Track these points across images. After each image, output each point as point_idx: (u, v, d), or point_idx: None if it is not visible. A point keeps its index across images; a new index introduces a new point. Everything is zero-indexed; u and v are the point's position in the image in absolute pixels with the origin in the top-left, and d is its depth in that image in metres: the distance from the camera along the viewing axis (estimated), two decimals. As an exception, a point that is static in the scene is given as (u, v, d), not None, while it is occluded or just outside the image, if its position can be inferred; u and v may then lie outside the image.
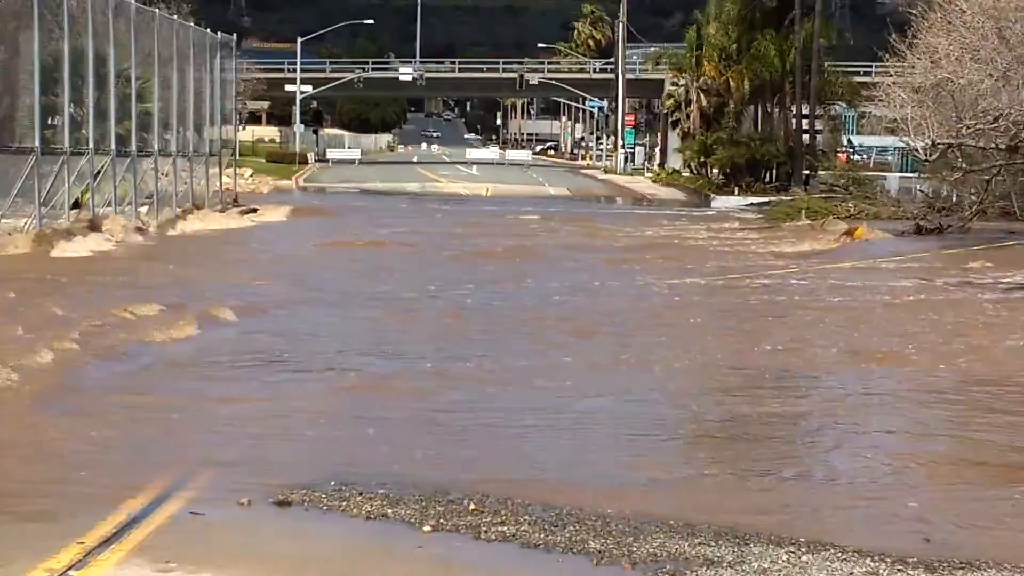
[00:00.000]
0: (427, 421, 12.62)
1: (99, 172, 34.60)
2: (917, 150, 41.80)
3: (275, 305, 21.13)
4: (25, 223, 29.78)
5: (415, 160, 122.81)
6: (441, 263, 29.72)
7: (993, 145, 38.39)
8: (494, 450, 11.52)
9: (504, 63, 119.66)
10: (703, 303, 22.91)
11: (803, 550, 8.43)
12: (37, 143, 30.04)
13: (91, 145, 33.55)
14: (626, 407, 13.65)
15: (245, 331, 18.30)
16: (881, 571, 8.03)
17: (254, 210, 46.18)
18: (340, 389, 14.24)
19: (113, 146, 35.39)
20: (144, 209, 37.60)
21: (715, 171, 73.06)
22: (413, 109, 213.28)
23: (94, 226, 32.16)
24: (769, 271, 28.51)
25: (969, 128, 37.68)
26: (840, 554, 8.37)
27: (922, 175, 48.52)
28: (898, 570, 8.07)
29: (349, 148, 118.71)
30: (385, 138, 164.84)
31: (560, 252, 33.46)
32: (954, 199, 43.81)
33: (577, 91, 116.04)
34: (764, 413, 13.43)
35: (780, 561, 8.19)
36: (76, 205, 33.19)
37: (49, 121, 31.96)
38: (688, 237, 39.93)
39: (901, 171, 67.11)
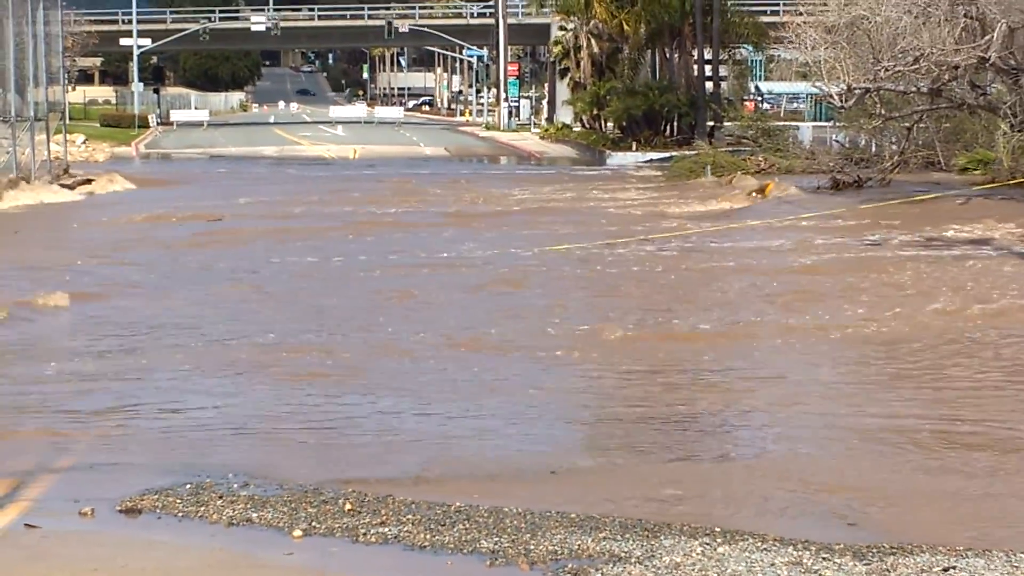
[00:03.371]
0: (290, 411, 12.55)
1: (-94, 142, 33.75)
2: (831, 96, 42.17)
3: (109, 289, 20.85)
4: None
5: (272, 120, 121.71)
6: (292, 237, 29.49)
7: (914, 89, 38.94)
8: (370, 442, 11.46)
9: (370, 9, 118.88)
10: (598, 273, 22.99)
11: (719, 541, 8.50)
12: None
13: None
14: (520, 392, 13.65)
15: (73, 318, 18.06)
16: (805, 560, 8.12)
17: (88, 181, 45.47)
18: (186, 379, 14.09)
19: (-78, 112, 34.54)
20: (-40, 183, 36.80)
21: (610, 125, 73.27)
22: (268, 63, 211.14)
23: (-98, 204, 31.39)
24: (670, 234, 28.69)
25: (888, 71, 38.13)
26: (760, 544, 8.45)
27: (837, 124, 49.05)
28: (823, 558, 8.17)
29: (196, 109, 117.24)
30: (237, 96, 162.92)
31: (433, 219, 33.36)
32: (873, 149, 44.33)
33: (453, 39, 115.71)
34: (672, 396, 13.54)
35: (694, 554, 8.24)
36: None
37: None
38: (580, 198, 40.01)
39: (814, 120, 67.86)
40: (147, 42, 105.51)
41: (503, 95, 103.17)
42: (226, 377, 14.23)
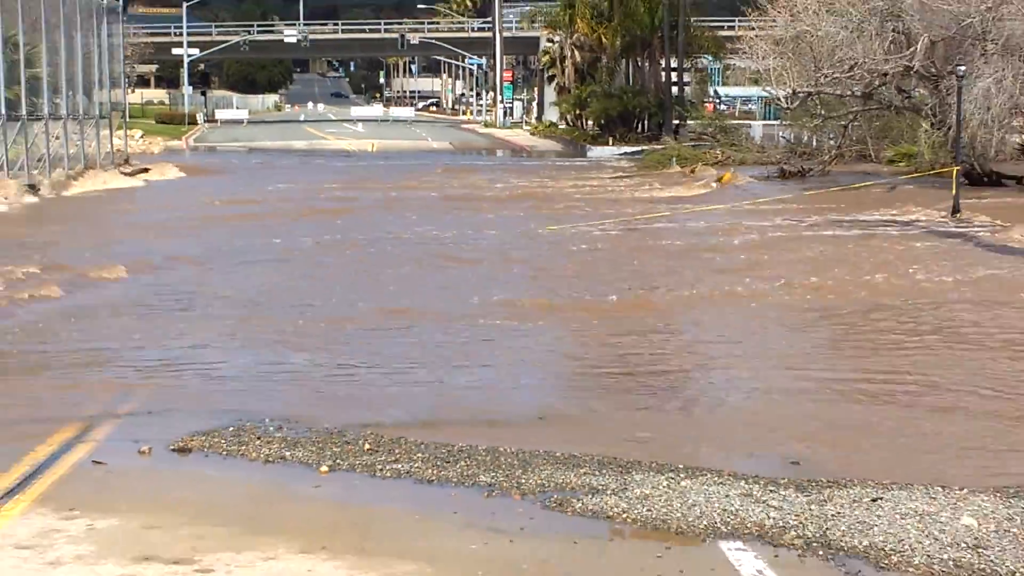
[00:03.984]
0: (316, 367, 12.55)
1: (-10, 136, 33.73)
2: (779, 99, 42.26)
3: (162, 262, 20.81)
4: (-82, 188, 28.93)
5: (302, 119, 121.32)
6: (323, 218, 29.44)
7: (849, 93, 38.94)
8: (385, 394, 11.46)
9: (386, 24, 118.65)
10: (582, 249, 22.99)
11: (682, 476, 8.52)
12: (-74, 109, 29.11)
13: (-20, 110, 32.67)
14: (512, 351, 13.65)
15: (132, 287, 18.05)
16: (755, 492, 8.14)
17: (145, 170, 45.36)
18: (227, 339, 14.09)
19: (3, 110, 34.50)
20: (37, 171, 36.76)
21: (590, 123, 73.21)
22: (299, 70, 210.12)
23: (-13, 189, 31.36)
24: (643, 216, 28.67)
25: (827, 77, 38.16)
26: (716, 478, 8.47)
27: (784, 122, 49.01)
28: (770, 490, 8.19)
29: (237, 108, 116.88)
30: (272, 98, 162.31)
31: (439, 203, 33.31)
32: (814, 144, 44.35)
33: (457, 49, 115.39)
34: (644, 353, 13.55)
35: (661, 487, 8.26)
36: (-32, 169, 32.30)
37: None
38: (564, 185, 39.97)
39: (764, 119, 67.77)
40: (195, 51, 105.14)
41: (499, 97, 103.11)
42: (261, 339, 14.23)
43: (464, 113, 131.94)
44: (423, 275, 19.38)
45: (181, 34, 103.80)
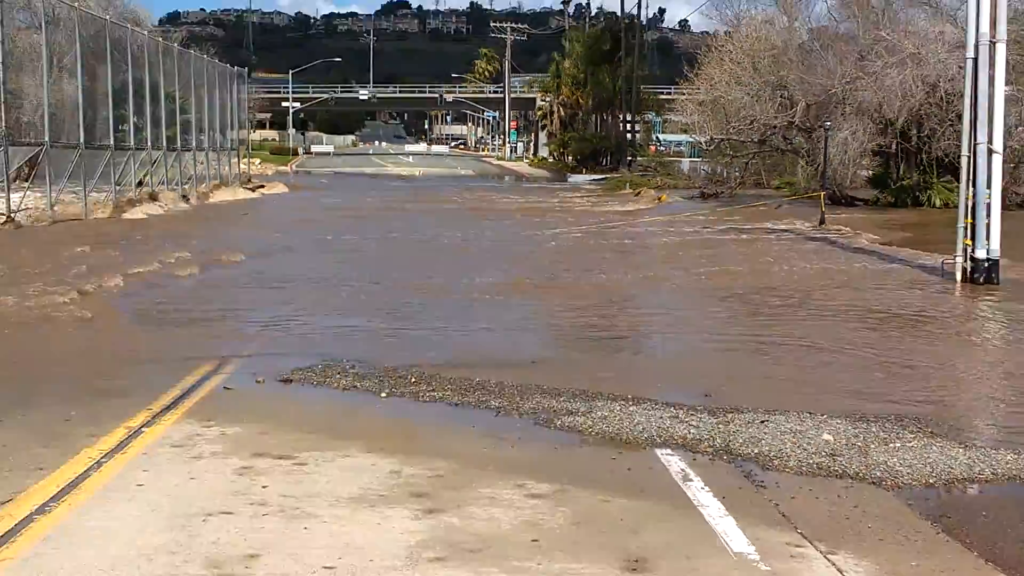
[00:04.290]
0: (378, 325, 12.53)
1: (155, 162, 33.84)
2: (701, 143, 42.10)
3: (268, 250, 20.78)
4: (104, 196, 29.11)
5: (371, 153, 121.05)
6: (392, 220, 29.37)
7: (749, 139, 38.86)
8: (426, 343, 11.45)
9: (429, 87, 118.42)
10: (555, 246, 22.94)
11: (630, 403, 8.52)
12: (111, 142, 29.41)
13: (149, 143, 32.86)
14: (509, 317, 13.63)
15: (253, 268, 18.02)
16: (680, 415, 8.15)
17: (262, 186, 45.36)
18: (316, 307, 14.06)
19: (164, 144, 34.57)
20: (187, 186, 36.79)
21: (570, 158, 73.12)
22: (369, 118, 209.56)
23: (152, 198, 31.51)
24: (606, 224, 28.60)
25: (734, 128, 38.09)
26: (654, 405, 8.46)
27: (704, 159, 48.94)
28: (691, 414, 8.19)
29: (326, 144, 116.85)
30: (350, 138, 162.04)
31: (457, 212, 33.23)
32: (725, 175, 44.24)
33: (478, 105, 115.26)
34: (603, 319, 13.53)
35: (615, 410, 8.26)
36: (140, 184, 32.43)
37: (120, 127, 31.20)
38: (552, 200, 39.88)
39: (691, 157, 67.61)
40: (297, 104, 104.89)
41: (507, 139, 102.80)
42: (331, 305, 14.22)
43: (483, 150, 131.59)
44: (439, 261, 19.33)
45: (287, 92, 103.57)
